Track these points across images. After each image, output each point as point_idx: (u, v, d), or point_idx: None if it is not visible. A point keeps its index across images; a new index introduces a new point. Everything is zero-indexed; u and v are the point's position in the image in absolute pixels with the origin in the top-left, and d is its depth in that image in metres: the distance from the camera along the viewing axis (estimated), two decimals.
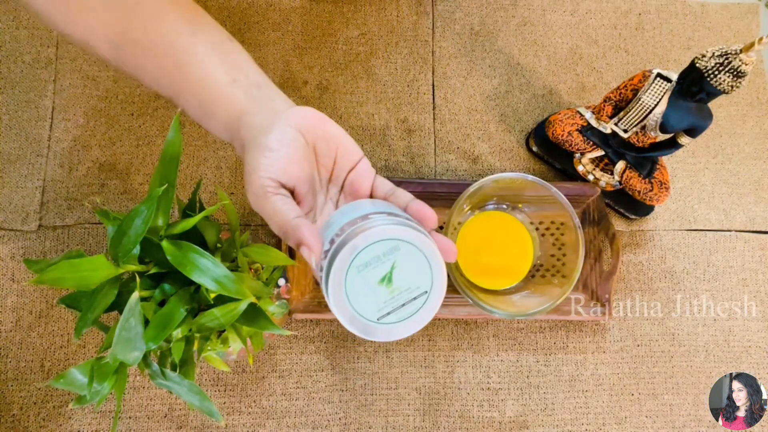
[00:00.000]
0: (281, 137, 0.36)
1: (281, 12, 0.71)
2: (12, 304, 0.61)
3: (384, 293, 0.33)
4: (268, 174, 0.35)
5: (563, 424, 0.61)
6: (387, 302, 0.33)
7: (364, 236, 0.32)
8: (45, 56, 0.68)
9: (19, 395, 0.59)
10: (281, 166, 0.35)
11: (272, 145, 0.35)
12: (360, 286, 0.33)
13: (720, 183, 0.69)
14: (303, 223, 0.33)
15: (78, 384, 0.41)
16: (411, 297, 0.34)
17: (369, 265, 0.33)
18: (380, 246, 0.33)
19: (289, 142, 0.36)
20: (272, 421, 0.60)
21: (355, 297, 0.33)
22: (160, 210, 0.41)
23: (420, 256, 0.33)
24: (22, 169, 0.65)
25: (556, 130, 0.62)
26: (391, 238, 0.33)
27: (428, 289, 0.34)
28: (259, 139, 0.36)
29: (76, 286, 0.38)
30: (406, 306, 0.34)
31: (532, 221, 0.63)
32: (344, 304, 0.33)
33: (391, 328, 0.34)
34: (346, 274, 0.32)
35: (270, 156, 0.35)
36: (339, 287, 0.33)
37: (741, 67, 0.48)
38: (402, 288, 0.33)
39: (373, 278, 0.33)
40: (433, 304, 0.34)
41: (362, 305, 0.33)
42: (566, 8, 0.73)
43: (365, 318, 0.33)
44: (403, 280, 0.33)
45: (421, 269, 0.34)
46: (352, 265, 0.32)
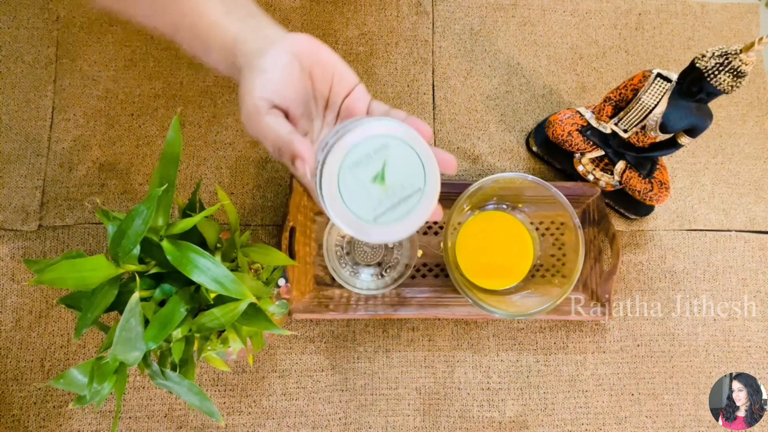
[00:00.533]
0: (276, 60, 0.36)
1: (281, 12, 0.71)
2: (12, 304, 0.61)
3: (378, 192, 0.33)
4: (262, 94, 0.35)
5: (563, 424, 0.61)
6: (381, 201, 0.33)
7: (354, 133, 0.32)
8: (45, 56, 0.68)
9: (19, 395, 0.59)
10: (274, 87, 0.35)
11: (266, 67, 0.35)
12: (353, 185, 0.32)
13: (720, 183, 0.69)
14: (295, 137, 0.34)
15: (78, 384, 0.41)
16: (405, 195, 0.33)
17: (360, 164, 0.32)
18: (371, 143, 0.32)
19: (283, 65, 0.36)
20: (272, 421, 0.60)
21: (349, 197, 0.33)
22: (160, 210, 0.41)
23: (411, 152, 0.33)
24: (22, 169, 0.65)
25: (556, 130, 0.62)
26: (380, 135, 0.32)
27: (422, 187, 0.33)
28: (253, 62, 0.36)
29: (76, 286, 0.38)
30: (401, 204, 0.33)
31: (532, 221, 0.63)
32: (339, 205, 0.33)
33: (387, 228, 0.33)
34: (338, 173, 0.32)
35: (263, 77, 0.35)
36: (333, 188, 0.32)
37: (741, 67, 0.48)
38: (395, 186, 0.33)
39: (366, 177, 0.33)
40: (428, 202, 0.34)
41: (357, 205, 0.33)
42: (566, 8, 0.73)
43: (361, 218, 0.33)
44: (396, 178, 0.33)
45: (413, 166, 0.33)
46: (343, 165, 0.32)
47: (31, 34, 0.68)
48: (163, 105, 0.67)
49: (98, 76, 0.68)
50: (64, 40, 0.68)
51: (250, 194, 0.66)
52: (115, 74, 0.68)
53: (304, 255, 0.62)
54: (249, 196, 0.66)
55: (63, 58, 0.68)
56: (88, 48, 0.68)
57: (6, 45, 0.68)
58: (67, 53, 0.68)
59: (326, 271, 0.63)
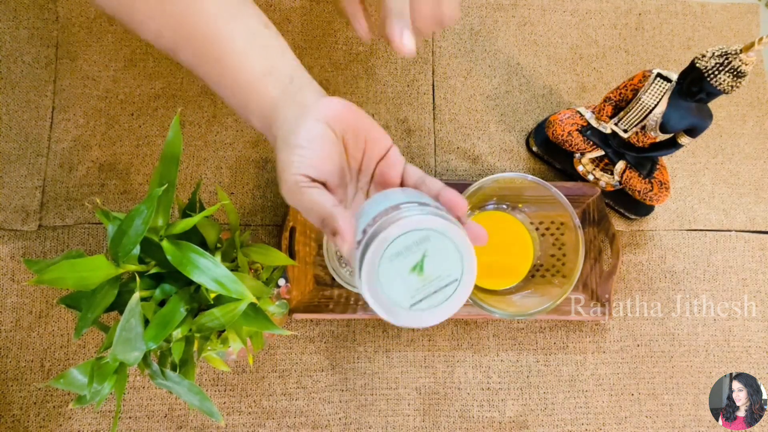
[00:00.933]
0: (310, 134, 0.37)
1: (281, 12, 0.71)
2: (12, 304, 0.61)
3: (415, 281, 0.34)
4: (300, 171, 0.36)
5: (563, 424, 0.61)
6: (419, 290, 0.35)
7: (396, 227, 0.33)
8: (45, 56, 0.68)
9: (19, 395, 0.59)
10: (311, 162, 0.36)
11: (302, 143, 0.36)
12: (392, 274, 0.34)
13: (720, 183, 0.69)
14: (339, 212, 0.34)
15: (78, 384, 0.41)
16: (442, 285, 0.35)
17: (401, 255, 0.34)
18: (411, 236, 0.34)
19: (318, 138, 0.37)
20: (272, 421, 0.60)
21: (388, 285, 0.34)
22: (160, 210, 0.41)
23: (450, 245, 0.34)
24: (22, 169, 0.65)
25: (556, 130, 0.62)
26: (422, 229, 0.34)
27: (458, 277, 0.35)
28: (289, 138, 0.37)
29: (76, 286, 0.38)
30: (437, 293, 0.35)
31: (532, 221, 0.63)
32: (378, 293, 0.34)
33: (422, 314, 0.35)
34: (379, 263, 0.34)
35: (301, 153, 0.36)
36: (373, 276, 0.34)
37: (741, 67, 0.48)
38: (433, 276, 0.34)
39: (405, 267, 0.34)
40: (463, 292, 0.35)
41: (395, 293, 0.34)
42: (566, 8, 0.73)
43: (398, 305, 0.34)
44: (434, 269, 0.34)
45: (451, 258, 0.35)
46: (384, 255, 0.34)
47: (31, 34, 0.68)
48: (163, 105, 0.67)
49: (98, 76, 0.68)
50: (64, 40, 0.68)
51: (250, 194, 0.66)
52: (115, 74, 0.68)
53: (304, 255, 0.62)
54: (249, 196, 0.66)
55: (63, 58, 0.68)
56: (88, 48, 0.68)
57: (6, 45, 0.68)
58: (67, 53, 0.68)
59: (326, 271, 0.63)
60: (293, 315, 0.60)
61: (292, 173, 0.36)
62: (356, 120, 0.38)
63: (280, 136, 0.38)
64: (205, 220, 0.45)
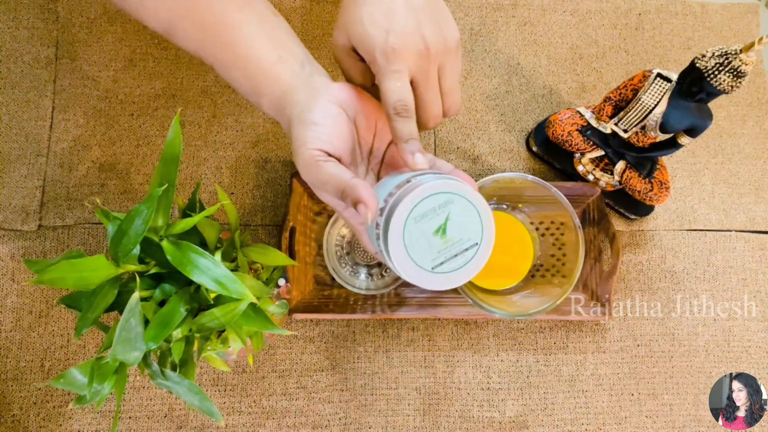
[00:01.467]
0: (325, 112, 0.38)
1: (281, 12, 0.70)
2: (12, 304, 0.61)
3: (438, 244, 0.35)
4: (316, 146, 0.37)
5: (563, 424, 0.61)
6: (441, 252, 0.36)
7: (422, 189, 0.34)
8: (45, 56, 0.68)
9: (19, 395, 0.59)
10: (327, 138, 0.37)
11: (317, 120, 0.37)
12: (417, 236, 0.35)
13: (720, 183, 0.69)
14: (359, 182, 0.35)
15: (78, 384, 0.41)
16: (463, 248, 0.36)
17: (426, 217, 0.35)
18: (436, 199, 0.35)
19: (332, 116, 0.38)
20: (272, 421, 0.60)
21: (412, 247, 0.35)
22: (160, 210, 0.41)
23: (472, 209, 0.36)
24: (22, 169, 0.65)
25: (556, 130, 0.62)
26: (446, 192, 0.35)
27: (479, 241, 0.36)
28: (304, 115, 0.38)
29: (76, 286, 0.38)
30: (458, 257, 0.36)
31: (532, 221, 0.63)
32: (402, 254, 0.35)
33: (444, 277, 0.36)
34: (405, 224, 0.35)
35: (316, 129, 0.37)
36: (398, 237, 0.35)
37: (741, 67, 0.48)
38: (455, 239, 0.36)
39: (429, 229, 0.35)
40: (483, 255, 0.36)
41: (418, 255, 0.35)
42: (566, 8, 0.73)
43: (420, 266, 0.35)
44: (457, 232, 0.36)
45: (472, 222, 0.36)
46: (410, 216, 0.35)
47: (31, 34, 0.68)
48: (163, 105, 0.67)
49: (98, 76, 0.68)
50: (64, 40, 0.68)
51: (250, 194, 0.66)
52: (115, 74, 0.68)
53: (304, 255, 0.62)
54: (249, 196, 0.66)
55: (63, 58, 0.68)
56: (88, 48, 0.68)
57: (6, 45, 0.68)
58: (67, 53, 0.68)
59: (326, 271, 0.63)
60: (293, 315, 0.60)
61: (309, 148, 0.37)
62: (367, 104, 0.39)
63: (294, 116, 0.38)
64: (205, 220, 0.45)
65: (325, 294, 0.62)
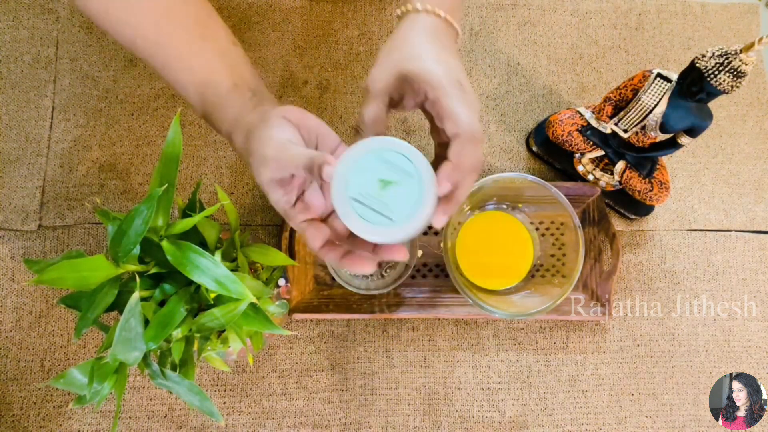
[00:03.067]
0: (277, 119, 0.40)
1: (281, 12, 0.71)
2: (12, 304, 0.61)
3: (373, 191, 0.36)
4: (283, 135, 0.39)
5: (563, 424, 0.61)
6: (368, 198, 0.36)
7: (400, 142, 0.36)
8: (45, 56, 0.68)
9: (19, 395, 0.59)
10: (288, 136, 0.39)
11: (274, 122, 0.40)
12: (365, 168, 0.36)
13: (720, 183, 0.69)
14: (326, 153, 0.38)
15: (78, 384, 0.41)
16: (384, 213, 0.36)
17: (386, 162, 0.36)
18: (399, 158, 0.36)
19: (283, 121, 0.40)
20: (272, 421, 0.60)
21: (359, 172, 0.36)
22: (160, 210, 0.41)
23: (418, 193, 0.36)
24: (22, 169, 0.65)
25: (556, 130, 0.62)
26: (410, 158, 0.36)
27: (401, 225, 0.36)
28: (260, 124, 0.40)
29: (76, 286, 0.38)
30: (377, 215, 0.36)
31: (532, 221, 0.63)
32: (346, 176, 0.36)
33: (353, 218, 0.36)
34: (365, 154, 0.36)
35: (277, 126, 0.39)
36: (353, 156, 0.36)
37: (741, 67, 0.48)
38: (387, 201, 0.36)
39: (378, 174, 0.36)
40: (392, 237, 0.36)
41: (355, 181, 0.36)
42: (566, 8, 0.73)
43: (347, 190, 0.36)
44: (392, 198, 0.36)
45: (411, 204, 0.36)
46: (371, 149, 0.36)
47: (31, 34, 0.68)
48: (163, 105, 0.67)
49: (98, 76, 0.68)
50: (64, 40, 0.68)
51: (250, 194, 0.66)
52: (115, 74, 0.68)
53: (304, 255, 0.62)
54: (249, 196, 0.66)
55: (63, 58, 0.68)
56: (88, 48, 0.68)
57: (6, 45, 0.68)
58: (67, 53, 0.68)
59: (326, 271, 0.63)
60: (293, 315, 0.60)
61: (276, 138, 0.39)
62: (307, 119, 0.41)
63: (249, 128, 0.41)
64: (205, 220, 0.45)
65: (325, 294, 0.62)
